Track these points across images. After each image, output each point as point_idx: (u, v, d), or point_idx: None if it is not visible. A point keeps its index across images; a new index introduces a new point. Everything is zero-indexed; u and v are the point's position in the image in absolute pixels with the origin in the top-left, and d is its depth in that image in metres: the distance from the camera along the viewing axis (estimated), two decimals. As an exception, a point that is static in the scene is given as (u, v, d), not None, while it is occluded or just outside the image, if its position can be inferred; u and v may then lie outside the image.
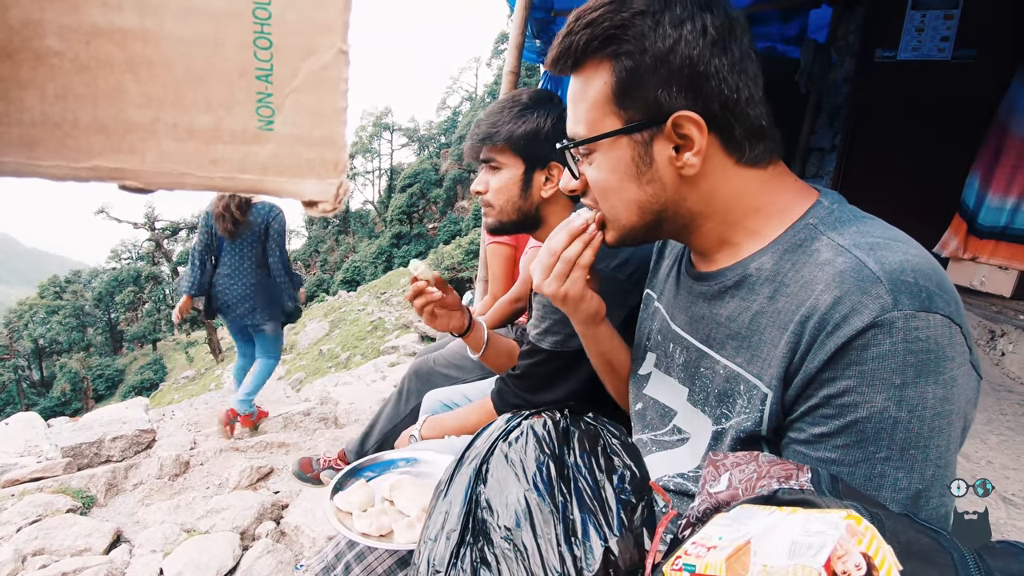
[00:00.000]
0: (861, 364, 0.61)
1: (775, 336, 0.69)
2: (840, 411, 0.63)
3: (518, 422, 0.68)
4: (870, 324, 0.60)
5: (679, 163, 0.73)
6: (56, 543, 2.39)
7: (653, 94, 0.71)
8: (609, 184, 0.78)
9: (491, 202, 1.37)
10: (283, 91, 0.32)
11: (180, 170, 0.31)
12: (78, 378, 31.02)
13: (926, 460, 0.61)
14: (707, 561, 0.47)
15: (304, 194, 0.34)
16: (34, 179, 0.29)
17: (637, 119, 0.73)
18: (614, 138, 0.75)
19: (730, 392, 0.75)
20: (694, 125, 0.70)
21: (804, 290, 0.67)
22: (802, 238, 0.72)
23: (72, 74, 0.28)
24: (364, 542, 0.94)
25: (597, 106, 0.75)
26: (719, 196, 0.76)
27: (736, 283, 0.77)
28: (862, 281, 0.62)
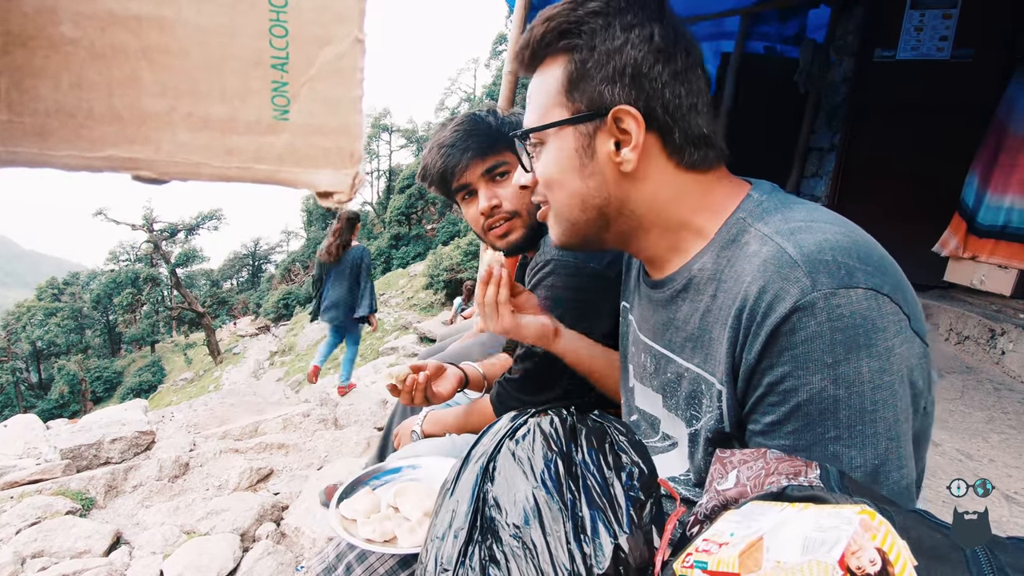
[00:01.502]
0: (792, 348, 0.62)
1: (719, 332, 0.71)
2: (784, 397, 0.64)
3: (524, 420, 0.68)
4: (793, 308, 0.61)
5: (618, 158, 0.75)
6: (56, 545, 2.38)
7: (599, 88, 0.74)
8: (553, 175, 0.80)
9: (515, 209, 1.29)
10: (299, 80, 0.32)
11: (195, 160, 0.31)
12: (76, 380, 30.94)
13: (876, 434, 0.62)
14: (719, 557, 0.47)
15: (319, 184, 0.33)
16: (48, 168, 0.28)
17: (582, 111, 0.75)
18: (560, 128, 0.77)
19: (695, 393, 0.77)
20: (633, 120, 0.73)
21: (737, 283, 0.69)
22: (735, 233, 0.73)
23: (87, 62, 0.28)
24: (368, 548, 0.94)
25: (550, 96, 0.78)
26: (659, 198, 0.78)
27: (684, 286, 0.79)
28: (782, 267, 0.63)
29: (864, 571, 0.40)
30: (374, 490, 1.12)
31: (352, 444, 3.45)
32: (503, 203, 1.29)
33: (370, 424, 3.84)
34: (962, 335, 3.51)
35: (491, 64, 42.04)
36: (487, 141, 1.27)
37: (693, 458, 0.80)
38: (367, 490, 1.11)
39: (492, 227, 1.32)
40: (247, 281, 53.84)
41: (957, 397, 2.84)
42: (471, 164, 1.27)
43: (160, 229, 33.64)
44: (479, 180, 1.29)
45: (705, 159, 0.77)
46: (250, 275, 54.36)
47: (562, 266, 1.22)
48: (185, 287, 32.55)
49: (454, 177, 1.29)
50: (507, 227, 1.32)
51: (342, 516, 1.01)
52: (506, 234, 1.33)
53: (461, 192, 1.33)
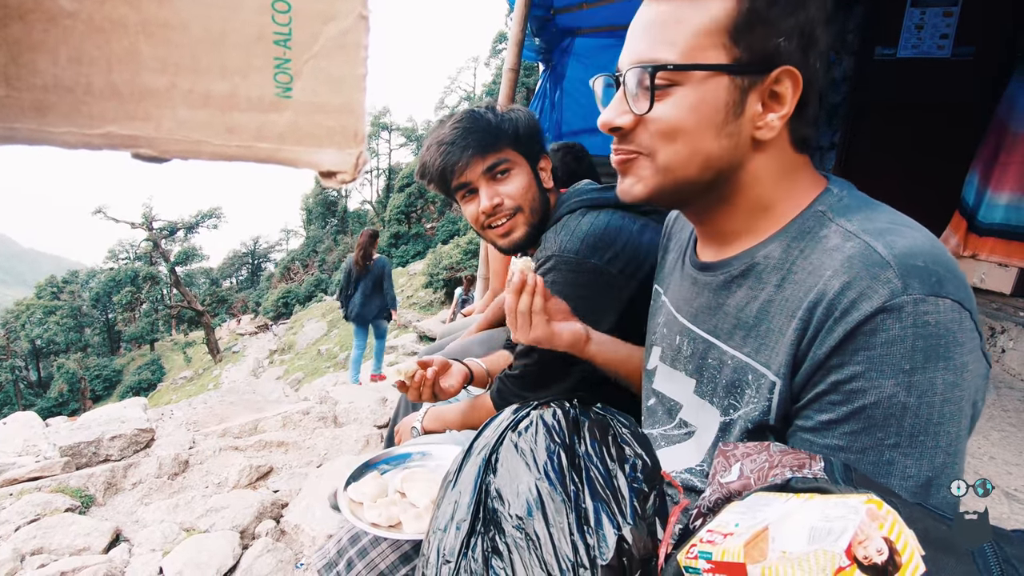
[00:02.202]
0: (870, 349, 0.60)
1: (783, 324, 0.69)
2: (848, 397, 0.62)
3: (527, 412, 0.67)
4: (879, 308, 0.59)
5: (760, 122, 0.69)
6: (55, 542, 2.38)
7: (776, 39, 0.66)
8: (684, 126, 0.70)
9: (519, 205, 1.28)
10: (302, 57, 0.32)
11: (196, 138, 0.30)
12: (76, 378, 30.93)
13: (936, 447, 0.60)
14: (724, 548, 0.47)
15: (322, 164, 0.33)
16: (46, 146, 0.28)
17: (747, 60, 0.67)
18: (713, 74, 0.67)
19: (738, 382, 0.74)
20: (792, 84, 0.68)
21: (812, 276, 0.66)
22: (811, 225, 0.71)
23: (85, 36, 0.27)
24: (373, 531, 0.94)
25: (706, 33, 0.67)
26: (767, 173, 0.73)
27: (743, 272, 0.76)
28: (871, 266, 0.61)
29: (871, 561, 0.39)
30: (382, 474, 1.11)
31: (352, 442, 3.44)
32: (505, 201, 1.28)
33: (370, 422, 3.84)
34: (962, 333, 3.50)
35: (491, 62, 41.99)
36: (487, 139, 1.24)
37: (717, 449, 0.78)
38: (375, 473, 1.11)
39: (493, 225, 1.30)
40: (246, 279, 53.86)
41: (957, 395, 2.83)
42: (471, 162, 1.24)
43: (159, 227, 33.62)
44: (480, 178, 1.27)
45: (808, 140, 0.74)
46: (249, 273, 54.37)
47: (563, 262, 1.22)
48: (184, 285, 32.55)
49: (454, 175, 1.27)
50: (509, 225, 1.30)
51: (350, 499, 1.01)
52: (508, 232, 1.31)
53: (461, 191, 1.31)
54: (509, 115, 1.30)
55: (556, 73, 4.43)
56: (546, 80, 4.44)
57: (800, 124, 0.72)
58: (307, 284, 39.14)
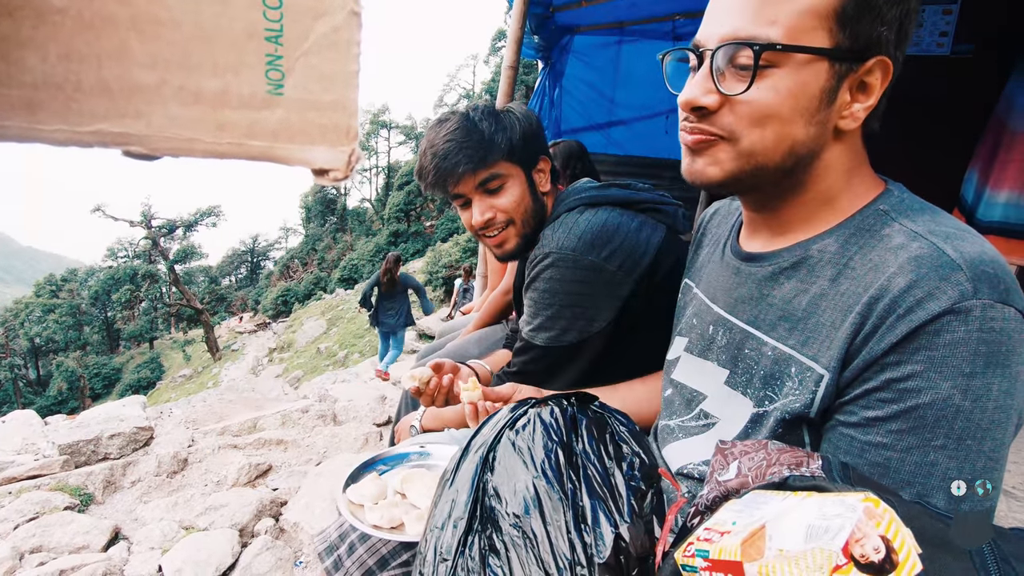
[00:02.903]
0: (931, 349, 0.60)
1: (836, 318, 0.68)
2: (901, 395, 0.62)
3: (524, 410, 0.67)
4: (947, 310, 0.59)
5: (847, 111, 0.68)
6: (54, 540, 2.38)
7: (880, 28, 0.65)
8: (779, 111, 0.67)
9: (512, 218, 1.28)
10: (293, 54, 0.31)
11: (187, 136, 0.30)
12: (75, 376, 30.94)
13: (980, 452, 0.60)
14: (721, 546, 0.46)
15: (315, 162, 0.32)
16: (36, 143, 0.27)
17: (849, 47, 0.65)
18: (816, 59, 0.65)
19: (778, 374, 0.73)
20: (882, 74, 0.67)
21: (872, 272, 0.66)
22: (871, 223, 0.70)
23: (75, 33, 0.27)
24: (376, 534, 0.93)
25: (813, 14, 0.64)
26: (841, 162, 0.73)
27: (794, 264, 0.75)
28: (941, 267, 0.61)
29: (868, 559, 0.39)
30: (380, 475, 1.11)
31: (351, 440, 3.44)
32: (497, 215, 1.28)
33: (369, 420, 3.84)
34: (961, 331, 3.51)
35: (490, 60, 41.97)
36: (479, 153, 1.22)
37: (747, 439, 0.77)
38: (373, 475, 1.10)
39: (486, 236, 1.32)
40: (246, 278, 53.89)
41: (956, 392, 2.83)
42: (463, 178, 1.24)
43: (158, 225, 33.60)
44: (473, 192, 1.27)
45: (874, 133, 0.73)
46: (248, 271, 54.39)
47: (561, 259, 1.22)
48: (183, 284, 32.54)
49: (447, 186, 1.27)
50: (502, 237, 1.31)
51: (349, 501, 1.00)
52: (501, 244, 1.32)
53: (457, 199, 1.31)
54: (505, 122, 1.27)
55: (555, 71, 4.42)
56: (545, 78, 4.43)
57: (874, 116, 0.71)
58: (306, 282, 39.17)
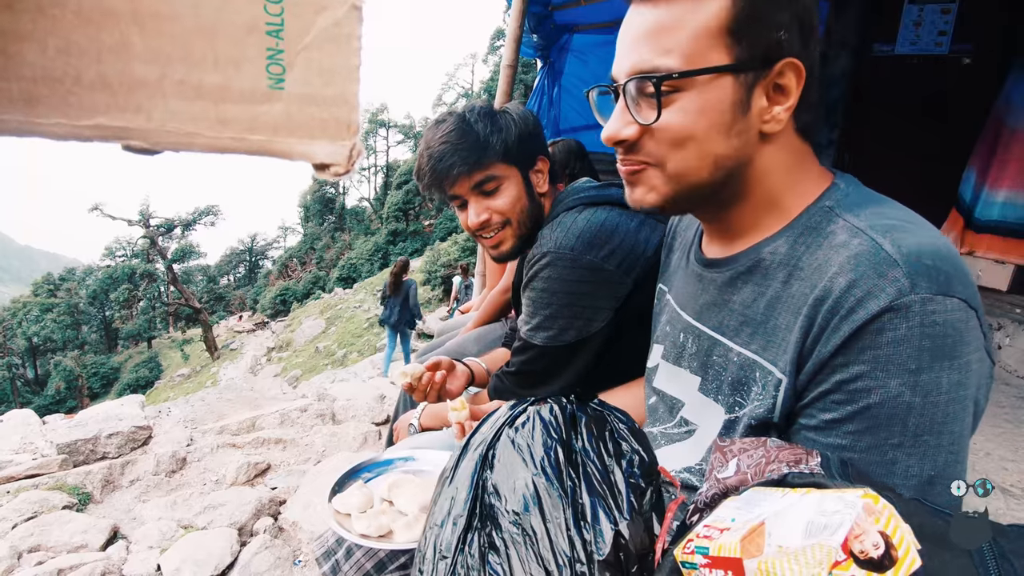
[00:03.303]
0: (876, 348, 0.60)
1: (789, 320, 0.68)
2: (852, 396, 0.62)
3: (524, 408, 0.67)
4: (886, 308, 0.59)
5: (767, 116, 0.69)
6: (52, 539, 2.37)
7: (776, 33, 0.66)
8: (693, 131, 0.69)
9: (508, 219, 1.28)
10: (294, 48, 0.31)
11: (188, 130, 0.30)
12: (73, 376, 30.88)
13: (939, 446, 0.60)
14: (720, 543, 0.46)
15: (316, 156, 0.32)
16: (36, 137, 0.27)
17: (749, 57, 0.66)
18: (717, 76, 0.66)
19: (745, 379, 0.74)
20: (795, 75, 0.67)
21: (818, 273, 0.66)
22: (817, 221, 0.70)
23: (75, 27, 0.27)
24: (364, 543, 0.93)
25: (705, 35, 0.66)
26: (776, 164, 0.73)
27: (749, 268, 0.75)
28: (878, 264, 0.61)
29: (867, 555, 0.39)
30: (366, 483, 1.10)
31: (349, 439, 3.44)
32: (493, 217, 1.28)
33: (367, 419, 3.83)
34: (959, 330, 3.51)
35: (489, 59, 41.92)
36: (474, 155, 1.22)
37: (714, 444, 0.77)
38: (359, 483, 1.09)
39: (482, 237, 1.32)
40: (244, 277, 53.79)
41: (954, 391, 2.84)
42: (459, 180, 1.24)
43: (157, 225, 33.54)
44: (468, 193, 1.27)
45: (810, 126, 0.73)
46: (247, 271, 54.29)
47: (559, 258, 1.21)
48: (182, 283, 32.48)
49: (444, 187, 1.27)
50: (498, 238, 1.31)
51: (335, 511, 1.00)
52: (497, 245, 1.32)
53: (454, 200, 1.32)
54: (501, 123, 1.26)
55: (554, 70, 4.42)
56: (544, 77, 4.43)
57: (803, 112, 0.71)
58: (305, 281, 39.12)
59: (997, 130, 3.58)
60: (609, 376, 1.28)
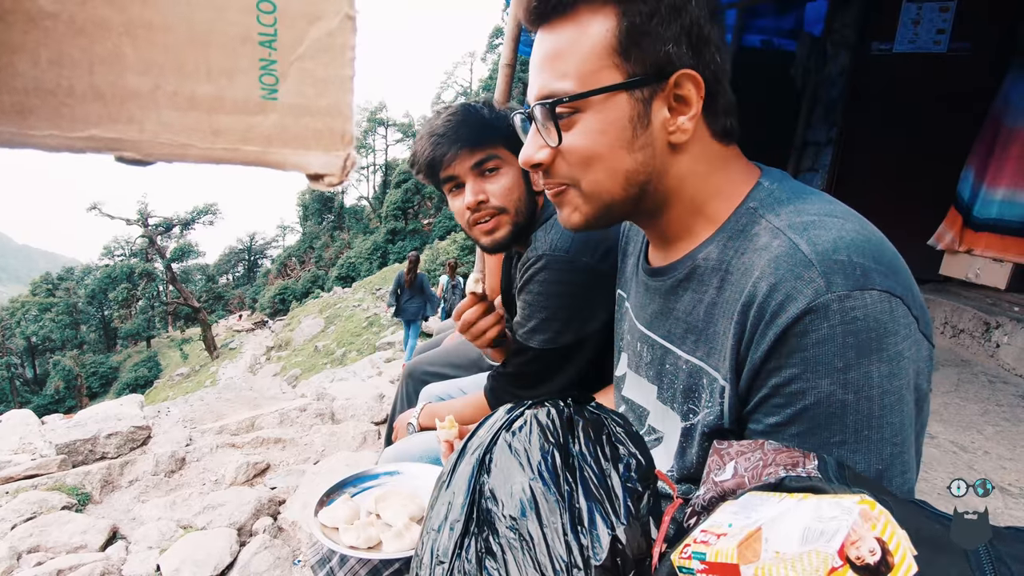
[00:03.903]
0: (803, 351, 0.60)
1: (725, 326, 0.68)
2: (789, 400, 0.62)
3: (521, 412, 0.67)
4: (805, 310, 0.59)
5: (672, 127, 0.70)
6: (51, 540, 2.37)
7: (664, 47, 0.67)
8: (596, 150, 0.70)
9: (504, 205, 1.26)
10: (287, 58, 0.31)
11: (181, 141, 0.30)
12: (72, 375, 30.86)
13: (882, 440, 0.60)
14: (717, 548, 0.47)
15: (310, 167, 0.32)
16: (27, 149, 0.27)
17: (641, 73, 0.67)
18: (611, 95, 0.68)
19: (694, 387, 0.74)
20: (694, 86, 0.68)
21: (744, 277, 0.66)
22: (744, 223, 0.71)
23: (67, 38, 0.27)
24: (353, 555, 0.92)
25: (594, 57, 0.68)
26: (695, 171, 0.73)
27: (687, 275, 0.76)
28: (795, 266, 0.61)
29: (864, 561, 0.39)
30: (352, 497, 1.10)
31: (349, 439, 3.44)
32: (491, 199, 1.25)
33: (367, 419, 3.83)
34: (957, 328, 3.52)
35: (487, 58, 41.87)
36: (478, 133, 1.22)
37: (684, 454, 0.77)
38: (345, 497, 1.09)
39: (478, 222, 1.28)
40: (243, 276, 53.77)
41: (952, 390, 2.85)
42: (460, 155, 1.23)
43: (155, 224, 33.50)
44: (467, 173, 1.25)
45: (733, 129, 0.74)
46: (246, 270, 54.28)
47: (555, 261, 1.21)
48: (181, 282, 32.45)
49: (442, 167, 1.25)
50: (494, 223, 1.28)
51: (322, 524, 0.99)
52: (492, 231, 1.29)
53: (449, 183, 1.29)
54: (503, 113, 1.28)
55: (552, 69, 4.41)
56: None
57: (715, 117, 0.72)
58: (304, 280, 39.11)
59: (995, 129, 3.58)
60: (610, 376, 1.28)
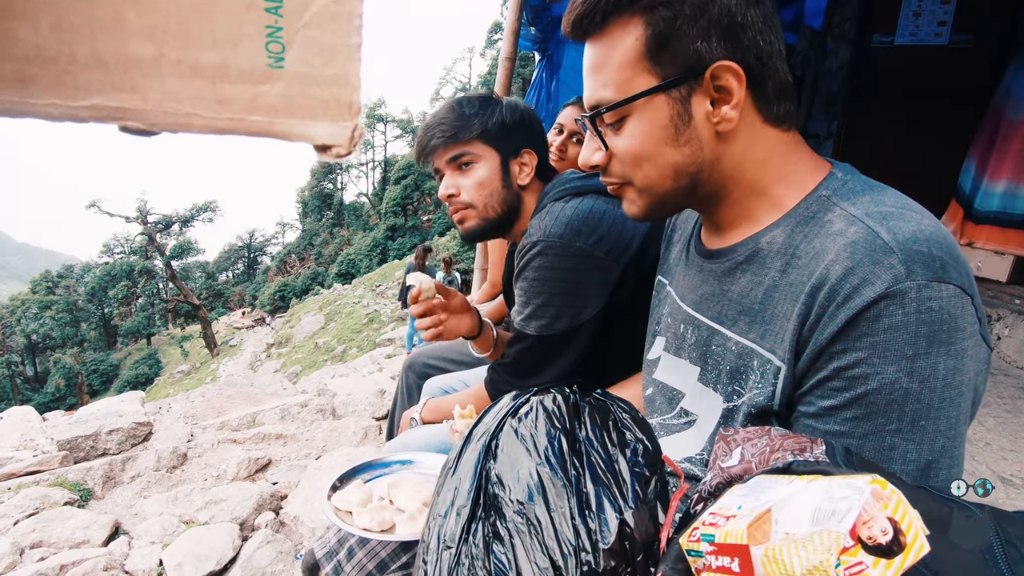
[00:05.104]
0: (873, 335, 0.60)
1: (787, 309, 0.69)
2: (850, 383, 0.62)
3: (527, 398, 0.67)
4: (882, 295, 0.59)
5: (716, 118, 0.71)
6: (54, 535, 2.37)
7: (692, 45, 0.68)
8: (645, 150, 0.74)
9: (471, 201, 1.31)
10: (294, 25, 0.30)
11: (185, 110, 0.29)
12: (72, 373, 30.88)
13: (936, 431, 0.61)
14: (727, 530, 0.46)
15: (316, 137, 0.31)
16: (29, 119, 0.26)
17: (674, 74, 0.70)
18: (650, 97, 0.71)
19: (743, 368, 0.74)
20: (733, 76, 0.69)
21: (815, 261, 0.66)
22: (815, 210, 0.71)
23: (67, 3, 0.26)
24: (367, 536, 0.93)
25: (627, 66, 0.72)
26: (750, 158, 0.74)
27: (747, 258, 0.76)
28: (874, 251, 0.61)
29: (876, 541, 0.39)
30: (366, 483, 1.10)
31: (350, 434, 3.44)
32: (460, 193, 1.31)
33: (368, 414, 3.84)
34: (958, 321, 3.51)
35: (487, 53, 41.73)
36: (453, 130, 1.28)
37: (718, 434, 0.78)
38: (358, 482, 1.09)
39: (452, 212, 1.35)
40: (243, 273, 53.78)
41: (953, 382, 2.85)
42: (437, 150, 1.30)
43: (154, 221, 33.48)
44: (445, 166, 1.32)
45: (790, 113, 0.74)
46: (246, 267, 54.28)
47: (549, 247, 1.22)
48: (180, 279, 32.44)
49: (430, 159, 1.34)
50: (461, 215, 1.34)
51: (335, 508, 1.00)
52: (461, 221, 1.35)
53: (438, 174, 1.37)
54: (489, 107, 1.31)
55: (552, 63, 4.40)
56: (542, 70, 4.41)
57: (765, 101, 0.72)
58: (304, 277, 39.12)
59: (996, 121, 3.56)
60: (607, 362, 1.28)
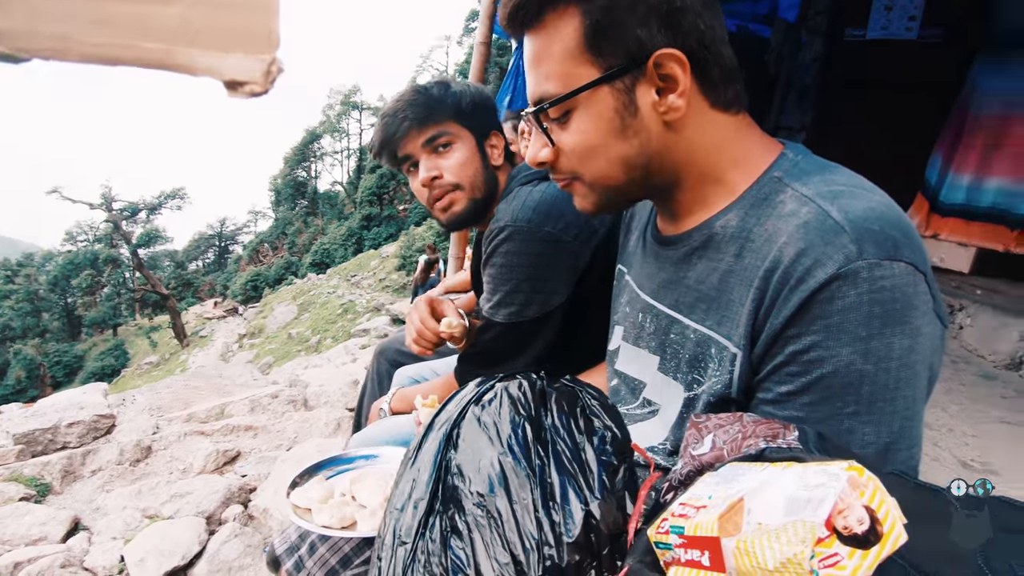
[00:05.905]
0: (826, 318, 0.59)
1: (742, 294, 0.67)
2: (806, 368, 0.62)
3: (491, 385, 0.63)
4: (834, 275, 0.58)
5: (663, 108, 0.69)
6: (8, 532, 2.28)
7: (632, 33, 0.66)
8: (592, 144, 0.72)
9: (458, 181, 1.26)
10: (195, -68, 0.26)
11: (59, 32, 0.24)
12: (34, 365, 29.87)
13: (893, 412, 0.60)
14: (697, 521, 0.44)
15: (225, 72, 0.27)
16: None
17: (616, 64, 0.67)
18: (594, 90, 0.69)
19: (701, 357, 0.73)
20: (677, 64, 0.66)
21: (768, 244, 0.65)
22: (767, 192, 0.69)
23: None
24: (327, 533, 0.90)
25: (568, 58, 0.69)
26: (701, 144, 0.72)
27: (703, 244, 0.75)
28: (825, 232, 0.60)
29: (852, 531, 0.37)
30: (327, 479, 1.07)
31: (322, 425, 3.38)
32: (444, 175, 1.26)
33: (340, 405, 3.77)
34: (924, 311, 3.60)
35: (463, 41, 41.32)
36: (426, 111, 1.23)
37: (683, 424, 0.76)
38: (320, 478, 1.06)
39: (437, 199, 1.29)
40: (214, 262, 52.58)
41: (918, 370, 2.92)
42: (409, 134, 1.24)
43: (120, 208, 32.46)
44: (420, 150, 1.26)
45: (738, 96, 0.73)
46: (216, 256, 53.07)
47: (517, 232, 1.19)
48: (148, 268, 31.55)
49: (397, 147, 1.26)
50: (448, 200, 1.28)
51: (294, 505, 0.96)
52: (448, 206, 1.29)
53: (406, 163, 1.29)
54: (455, 88, 1.28)
55: (529, 49, 4.34)
56: (519, 57, 4.35)
57: (712, 87, 0.70)
58: (277, 267, 38.46)
59: (963, 115, 3.64)
60: (579, 350, 1.26)
